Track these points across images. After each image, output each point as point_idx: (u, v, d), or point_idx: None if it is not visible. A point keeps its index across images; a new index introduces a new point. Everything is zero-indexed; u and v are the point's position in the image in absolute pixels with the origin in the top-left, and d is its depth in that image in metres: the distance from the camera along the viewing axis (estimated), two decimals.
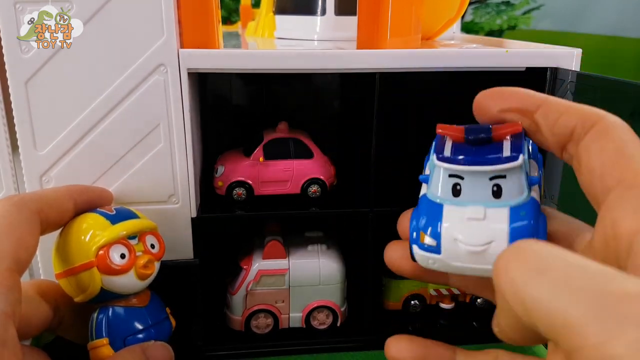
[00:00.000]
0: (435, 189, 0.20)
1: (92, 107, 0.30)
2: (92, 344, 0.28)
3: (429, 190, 0.20)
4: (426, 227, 0.19)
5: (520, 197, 0.19)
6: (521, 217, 0.18)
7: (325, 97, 0.46)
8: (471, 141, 0.19)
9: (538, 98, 0.19)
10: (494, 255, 0.16)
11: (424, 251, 0.19)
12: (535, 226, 0.18)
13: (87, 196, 0.29)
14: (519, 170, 0.19)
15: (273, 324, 0.38)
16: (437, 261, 0.19)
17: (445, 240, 0.19)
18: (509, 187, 0.19)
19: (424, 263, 0.20)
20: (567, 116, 0.18)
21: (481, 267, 0.18)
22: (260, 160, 0.36)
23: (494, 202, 0.19)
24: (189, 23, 0.31)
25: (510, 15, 0.76)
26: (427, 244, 0.19)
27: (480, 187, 0.19)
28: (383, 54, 0.32)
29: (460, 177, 0.19)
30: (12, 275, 0.23)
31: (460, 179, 0.19)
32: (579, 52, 0.33)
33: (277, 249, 0.37)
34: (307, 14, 0.41)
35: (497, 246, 0.18)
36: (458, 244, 0.19)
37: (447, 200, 0.20)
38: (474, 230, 0.18)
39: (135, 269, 0.27)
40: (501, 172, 0.19)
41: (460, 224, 0.19)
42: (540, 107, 0.19)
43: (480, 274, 0.19)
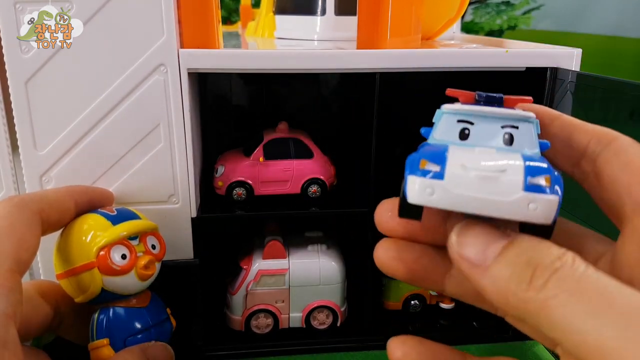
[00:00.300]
0: (439, 134, 0.18)
1: (92, 107, 0.30)
2: (93, 344, 0.28)
3: (430, 138, 0.18)
4: (428, 154, 0.17)
5: (533, 150, 0.17)
6: (537, 160, 0.16)
7: (325, 97, 0.46)
8: (482, 100, 0.18)
9: (553, 112, 0.19)
10: (507, 187, 0.15)
11: (423, 177, 0.16)
12: (552, 171, 0.16)
13: (88, 197, 0.29)
14: (532, 126, 0.18)
15: (273, 324, 0.38)
16: (438, 189, 0.16)
17: (452, 165, 0.16)
18: (521, 139, 0.17)
19: (421, 195, 0.16)
20: (583, 132, 0.18)
21: (491, 199, 0.16)
22: (260, 160, 0.36)
23: (505, 148, 0.17)
24: (189, 23, 0.31)
25: (510, 15, 0.76)
26: (428, 168, 0.16)
27: (491, 133, 0.18)
28: (383, 54, 0.32)
29: (469, 123, 0.18)
30: (13, 276, 0.22)
31: (470, 124, 0.18)
32: (579, 52, 0.33)
33: (277, 249, 0.37)
34: (307, 14, 0.41)
35: (511, 175, 0.16)
36: (467, 169, 0.16)
37: (451, 142, 0.18)
38: (485, 159, 0.16)
39: (136, 269, 0.27)
40: (514, 119, 0.18)
41: (468, 153, 0.17)
42: (554, 121, 0.19)
43: (485, 210, 0.16)
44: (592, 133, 0.18)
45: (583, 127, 0.18)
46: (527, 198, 0.15)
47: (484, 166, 0.16)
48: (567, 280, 0.14)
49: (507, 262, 0.15)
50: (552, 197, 0.15)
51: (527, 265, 0.15)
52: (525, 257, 0.15)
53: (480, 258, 0.16)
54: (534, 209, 0.15)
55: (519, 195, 0.15)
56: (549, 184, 0.16)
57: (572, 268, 0.14)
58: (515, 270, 0.15)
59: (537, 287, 0.14)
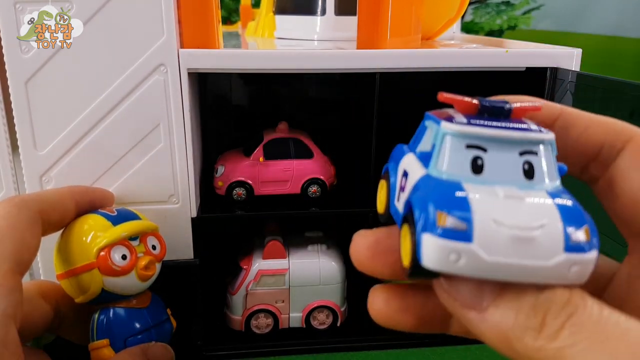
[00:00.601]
0: (444, 165, 0.14)
1: (92, 107, 0.30)
2: (93, 344, 0.28)
3: (432, 168, 0.15)
4: (446, 204, 0.13)
5: (554, 182, 0.14)
6: (567, 202, 0.14)
7: (325, 97, 0.46)
8: (487, 109, 0.15)
9: (554, 107, 0.17)
10: (546, 249, 0.13)
11: (445, 239, 0.13)
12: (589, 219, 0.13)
13: (89, 197, 0.29)
14: (550, 148, 0.15)
15: (273, 324, 0.38)
16: (464, 255, 0.13)
17: (481, 222, 0.13)
18: (542, 167, 0.14)
19: (440, 260, 0.13)
20: (593, 130, 0.16)
21: (527, 265, 0.13)
22: (260, 160, 0.36)
23: (526, 184, 0.14)
24: (189, 23, 0.31)
25: (510, 15, 0.76)
26: (451, 227, 0.13)
27: (508, 162, 0.14)
28: (383, 54, 0.32)
29: (482, 149, 0.14)
30: (13, 276, 0.22)
31: (482, 151, 0.14)
32: (579, 52, 0.33)
33: (277, 249, 0.37)
34: (307, 14, 0.41)
35: (549, 233, 0.13)
36: (499, 226, 0.13)
37: (465, 178, 0.14)
38: (516, 210, 0.13)
39: (136, 270, 0.27)
40: (534, 143, 0.14)
41: (495, 202, 0.13)
42: (558, 118, 0.17)
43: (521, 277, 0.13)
44: (606, 129, 0.16)
45: (594, 122, 0.16)
46: (570, 260, 0.13)
47: (520, 222, 0.13)
48: (585, 326, 0.12)
49: (510, 306, 0.13)
50: (593, 255, 0.13)
51: (534, 309, 0.13)
52: (530, 300, 0.13)
53: (475, 300, 0.14)
54: (575, 271, 0.13)
55: (560, 259, 0.13)
56: (589, 238, 0.13)
57: (586, 311, 0.13)
58: (520, 315, 0.13)
59: (550, 335, 0.13)
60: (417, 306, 0.17)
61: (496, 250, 0.13)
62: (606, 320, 0.12)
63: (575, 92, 0.32)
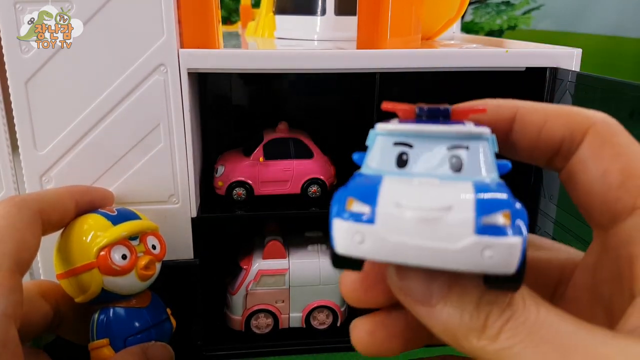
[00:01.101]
0: (373, 161, 0.15)
1: (92, 107, 0.30)
2: (93, 344, 0.28)
3: (363, 167, 0.15)
4: (356, 191, 0.13)
5: (488, 175, 0.14)
6: (492, 189, 0.13)
7: (326, 97, 0.46)
8: (424, 114, 0.15)
9: (509, 105, 0.17)
10: (454, 230, 0.12)
11: (351, 221, 0.13)
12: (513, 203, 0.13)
13: (89, 197, 0.29)
14: (486, 143, 0.14)
15: (273, 324, 0.38)
16: (368, 236, 0.13)
17: (384, 204, 0.13)
18: (472, 162, 0.14)
19: (347, 243, 0.13)
20: (551, 125, 0.16)
21: (435, 246, 0.12)
22: (260, 160, 0.36)
23: (451, 176, 0.14)
24: (189, 23, 0.31)
25: (510, 15, 0.76)
26: (357, 210, 0.13)
27: (435, 157, 0.14)
28: (383, 54, 0.32)
29: (408, 146, 0.14)
30: (13, 276, 0.22)
31: (409, 147, 0.14)
32: (579, 52, 0.33)
33: (277, 249, 0.37)
34: (307, 14, 0.41)
35: (458, 214, 0.12)
36: (402, 209, 0.13)
37: (387, 172, 0.14)
38: (425, 193, 0.13)
39: (136, 269, 0.27)
40: (463, 137, 0.14)
41: (406, 188, 0.13)
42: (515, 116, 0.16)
43: (428, 260, 0.13)
44: (564, 122, 0.16)
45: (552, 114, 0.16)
46: (481, 243, 0.12)
47: (423, 203, 0.12)
48: (522, 329, 0.13)
49: (455, 305, 0.13)
50: (513, 240, 0.12)
51: (477, 310, 0.13)
52: (473, 300, 0.13)
53: (425, 295, 0.14)
54: (490, 256, 0.12)
55: (469, 240, 0.12)
56: (508, 222, 0.12)
57: (524, 314, 0.13)
58: (464, 315, 0.13)
59: (491, 337, 0.13)
60: (402, 330, 0.17)
61: (400, 231, 0.12)
62: (541, 323, 0.13)
63: (575, 92, 0.32)
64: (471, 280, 0.14)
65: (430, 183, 0.13)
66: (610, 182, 0.15)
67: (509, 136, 0.17)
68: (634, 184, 0.14)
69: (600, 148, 0.15)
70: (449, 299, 0.14)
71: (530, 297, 0.14)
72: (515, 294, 0.13)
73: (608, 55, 0.77)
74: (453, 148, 0.14)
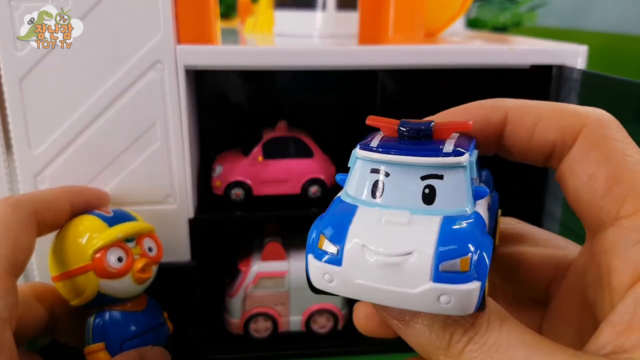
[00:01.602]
0: (352, 188, 0.16)
1: (87, 106, 0.30)
2: (89, 348, 0.27)
3: (344, 190, 0.16)
4: (329, 229, 0.14)
5: (459, 207, 0.14)
6: (457, 226, 0.14)
7: (326, 95, 0.46)
8: (405, 134, 0.15)
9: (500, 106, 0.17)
10: (412, 276, 0.13)
11: (320, 261, 0.14)
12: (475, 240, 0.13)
13: (84, 197, 0.29)
14: (462, 172, 0.15)
15: (272, 327, 0.37)
16: (336, 277, 0.14)
17: (350, 247, 0.14)
18: (446, 192, 0.14)
19: (318, 280, 0.14)
20: (543, 128, 0.16)
21: (393, 290, 0.13)
22: (259, 159, 0.36)
23: (423, 209, 0.14)
24: (186, 18, 0.30)
25: (515, 12, 0.76)
26: (326, 250, 0.14)
27: (408, 187, 0.15)
28: (385, 50, 0.31)
29: (384, 174, 0.15)
30: (8, 278, 0.22)
31: (385, 176, 0.15)
32: (585, 50, 0.33)
33: (277, 250, 0.36)
34: (307, 9, 0.40)
35: (417, 260, 0.13)
36: (366, 250, 0.13)
37: (362, 202, 0.15)
38: (390, 236, 0.14)
39: (132, 272, 0.27)
40: (437, 167, 0.14)
41: (373, 227, 0.14)
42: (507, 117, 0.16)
43: (390, 301, 0.14)
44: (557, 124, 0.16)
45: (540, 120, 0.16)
46: (436, 290, 0.13)
47: (386, 248, 0.13)
48: (480, 351, 0.14)
49: (425, 323, 0.14)
50: (468, 287, 0.13)
51: (443, 330, 0.14)
52: (441, 319, 0.14)
53: (399, 313, 0.15)
54: (446, 302, 0.13)
55: (426, 287, 0.13)
56: (466, 269, 0.13)
57: (484, 336, 0.14)
58: (432, 333, 0.14)
59: (454, 355, 0.14)
60: None
61: (363, 274, 0.13)
62: (500, 345, 0.14)
63: (580, 91, 0.31)
64: None
65: (398, 221, 0.14)
66: (596, 189, 0.15)
67: (501, 139, 0.17)
68: (619, 192, 0.14)
69: (588, 152, 0.15)
70: (420, 318, 0.15)
71: (495, 317, 0.14)
72: (480, 317, 0.14)
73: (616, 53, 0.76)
74: (427, 177, 0.15)
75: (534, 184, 0.36)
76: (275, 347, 0.37)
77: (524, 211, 0.35)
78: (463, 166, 0.15)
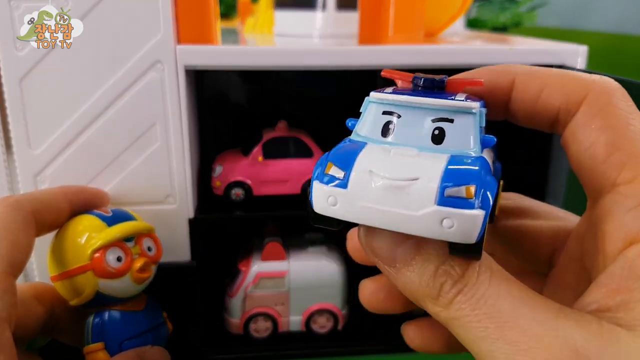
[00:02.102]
0: (363, 129, 0.16)
1: (87, 106, 0.30)
2: (88, 348, 0.27)
3: (354, 131, 0.17)
4: (336, 156, 0.15)
5: (466, 149, 0.15)
6: (464, 162, 0.14)
7: (326, 95, 0.45)
8: (420, 85, 0.16)
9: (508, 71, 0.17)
10: (417, 199, 0.13)
11: (325, 184, 0.14)
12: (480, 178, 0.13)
13: (83, 197, 0.29)
14: (472, 118, 0.15)
15: (272, 327, 0.37)
16: (340, 199, 0.14)
17: (357, 171, 0.14)
18: (455, 135, 0.15)
19: (322, 203, 0.14)
20: (548, 94, 0.16)
21: (397, 212, 0.13)
22: (259, 159, 0.36)
23: (431, 147, 0.15)
24: (186, 18, 0.30)
25: (515, 12, 0.76)
26: (333, 174, 0.14)
27: (419, 128, 0.15)
28: (385, 50, 0.31)
29: (396, 115, 0.15)
30: (7, 278, 0.22)
31: (397, 117, 0.15)
32: (585, 50, 0.33)
33: (277, 250, 0.36)
34: (307, 9, 0.40)
35: (423, 185, 0.13)
36: (372, 175, 0.14)
37: (372, 140, 0.15)
38: (397, 164, 0.14)
39: (131, 272, 0.27)
40: (449, 111, 0.15)
41: (382, 158, 0.14)
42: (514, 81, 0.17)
43: (393, 225, 0.14)
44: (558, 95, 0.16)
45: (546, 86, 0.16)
46: (440, 213, 0.13)
47: (393, 173, 0.14)
48: (468, 303, 0.14)
49: (416, 271, 0.15)
50: (473, 213, 0.13)
51: (434, 278, 0.14)
52: (432, 267, 0.15)
53: (390, 258, 0.15)
54: (448, 226, 0.13)
55: (429, 210, 0.13)
56: (471, 196, 0.13)
57: (473, 289, 0.14)
58: (422, 281, 0.15)
59: (443, 305, 0.14)
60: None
61: (368, 197, 0.14)
62: (488, 298, 0.14)
63: None
64: (434, 249, 0.15)
65: (406, 154, 0.14)
66: (596, 155, 0.15)
67: (508, 104, 0.17)
68: (618, 159, 0.14)
69: (591, 119, 0.15)
70: (410, 265, 0.15)
71: (485, 269, 0.14)
72: (470, 269, 0.14)
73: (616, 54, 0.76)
74: (438, 120, 0.15)
75: (533, 182, 0.36)
76: (275, 347, 0.37)
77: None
78: (473, 113, 0.15)
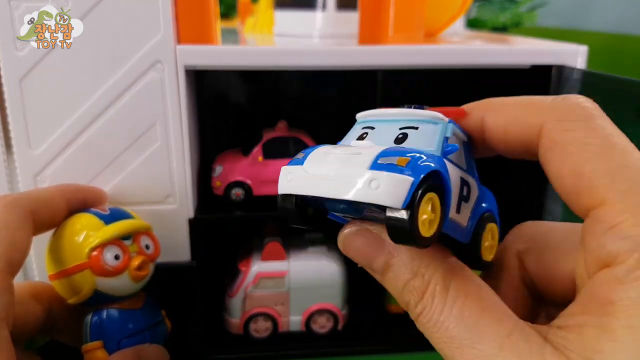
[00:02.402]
0: (343, 140, 0.18)
1: (87, 106, 0.30)
2: (87, 346, 0.27)
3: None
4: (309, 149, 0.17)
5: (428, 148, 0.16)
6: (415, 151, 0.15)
7: (326, 96, 0.46)
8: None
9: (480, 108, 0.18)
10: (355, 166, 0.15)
11: (287, 165, 0.17)
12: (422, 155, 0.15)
13: (81, 195, 0.29)
14: (436, 127, 0.16)
15: (272, 327, 0.37)
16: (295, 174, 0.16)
17: (315, 152, 0.16)
18: (417, 138, 0.16)
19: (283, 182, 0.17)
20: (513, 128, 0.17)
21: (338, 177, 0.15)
22: (259, 159, 0.36)
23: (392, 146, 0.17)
24: (186, 18, 0.30)
25: (515, 12, 0.76)
26: (296, 157, 0.17)
27: (386, 135, 0.17)
28: (385, 50, 0.31)
29: (371, 128, 0.18)
30: (4, 277, 0.22)
31: (371, 129, 0.18)
32: (585, 50, 0.33)
33: (277, 250, 0.36)
34: (307, 9, 0.40)
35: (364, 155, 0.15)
36: (326, 155, 0.16)
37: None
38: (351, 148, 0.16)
39: (129, 270, 0.27)
40: (415, 120, 0.17)
41: (341, 145, 0.17)
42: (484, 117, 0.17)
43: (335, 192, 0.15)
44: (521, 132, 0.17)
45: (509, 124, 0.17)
46: (370, 175, 0.14)
47: (344, 151, 0.16)
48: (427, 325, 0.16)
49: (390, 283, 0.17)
50: (400, 176, 0.14)
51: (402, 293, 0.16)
52: (400, 284, 0.16)
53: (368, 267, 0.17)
54: (375, 187, 0.14)
55: (361, 173, 0.14)
56: (402, 164, 0.14)
57: (428, 314, 0.15)
58: (395, 292, 0.16)
59: (413, 318, 0.16)
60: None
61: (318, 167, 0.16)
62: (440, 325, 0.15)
63: (581, 91, 0.31)
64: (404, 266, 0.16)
65: (363, 144, 0.16)
66: (565, 185, 0.15)
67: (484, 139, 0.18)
68: (583, 186, 0.15)
69: (550, 151, 0.16)
70: (385, 279, 0.17)
71: (440, 290, 0.15)
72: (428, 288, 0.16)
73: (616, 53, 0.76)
74: (404, 128, 0.17)
75: (532, 183, 0.36)
76: (275, 347, 0.36)
77: (524, 211, 0.36)
78: (437, 123, 0.17)
